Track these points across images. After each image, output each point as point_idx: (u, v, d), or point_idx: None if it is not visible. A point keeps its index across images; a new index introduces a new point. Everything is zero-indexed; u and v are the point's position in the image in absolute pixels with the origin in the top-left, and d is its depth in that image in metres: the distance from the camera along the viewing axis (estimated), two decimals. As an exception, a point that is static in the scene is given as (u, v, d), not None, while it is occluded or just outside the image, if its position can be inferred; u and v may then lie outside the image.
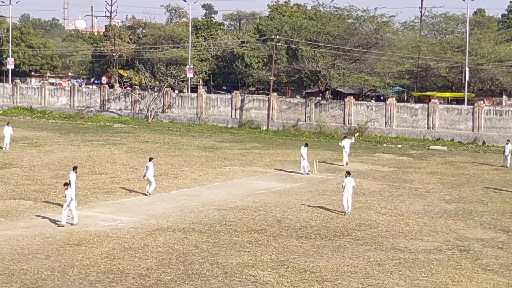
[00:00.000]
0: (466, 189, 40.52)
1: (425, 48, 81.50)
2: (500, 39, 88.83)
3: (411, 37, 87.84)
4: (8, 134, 52.50)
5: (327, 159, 50.80)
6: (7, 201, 34.11)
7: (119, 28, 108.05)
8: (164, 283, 22.46)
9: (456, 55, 78.01)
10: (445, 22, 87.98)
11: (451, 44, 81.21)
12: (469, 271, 24.49)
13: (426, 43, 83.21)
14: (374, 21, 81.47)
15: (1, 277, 22.65)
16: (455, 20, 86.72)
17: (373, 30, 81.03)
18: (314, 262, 25.18)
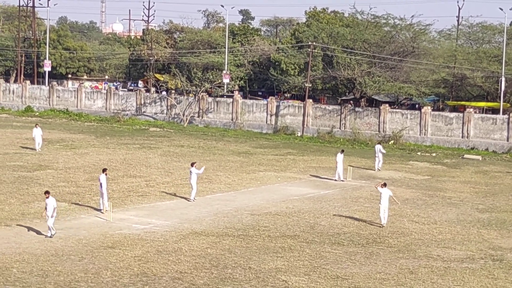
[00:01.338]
0: (500, 198, 40.21)
1: (461, 57, 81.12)
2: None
3: (448, 46, 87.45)
4: (38, 135, 52.90)
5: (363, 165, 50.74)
6: (42, 202, 34.36)
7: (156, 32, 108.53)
8: (196, 286, 22.56)
9: (492, 64, 77.55)
10: (482, 32, 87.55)
11: (488, 54, 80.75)
12: (502, 281, 24.36)
13: (462, 52, 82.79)
14: (411, 29, 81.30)
15: (36, 278, 22.88)
16: (492, 29, 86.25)
17: (410, 38, 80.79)
18: (347, 268, 25.16)
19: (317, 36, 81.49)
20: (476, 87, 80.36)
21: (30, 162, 46.79)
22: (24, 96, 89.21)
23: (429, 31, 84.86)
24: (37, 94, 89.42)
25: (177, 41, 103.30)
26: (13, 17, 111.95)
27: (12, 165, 45.26)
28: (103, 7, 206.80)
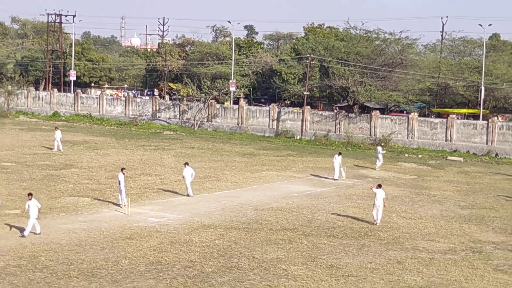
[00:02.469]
0: (480, 196, 40.21)
1: (444, 68, 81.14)
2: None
3: (432, 58, 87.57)
4: (58, 137, 53.05)
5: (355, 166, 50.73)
6: (68, 198, 34.51)
7: (170, 46, 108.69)
8: (205, 274, 22.60)
9: (473, 75, 77.62)
10: (464, 45, 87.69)
11: (469, 65, 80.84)
12: (481, 271, 24.36)
13: (445, 64, 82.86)
14: (399, 43, 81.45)
15: (61, 266, 22.94)
16: (472, 43, 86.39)
17: (398, 51, 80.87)
18: (341, 259, 25.19)
19: (314, 49, 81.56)
20: (458, 95, 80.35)
21: (57, 161, 46.94)
22: (52, 103, 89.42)
23: (415, 45, 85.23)
24: (63, 100, 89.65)
25: (188, 53, 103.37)
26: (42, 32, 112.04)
27: (41, 164, 45.39)
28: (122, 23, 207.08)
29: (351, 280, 22.65)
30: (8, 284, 20.96)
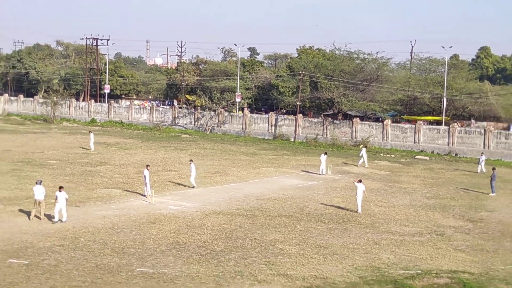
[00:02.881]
0: (442, 188, 40.23)
1: (413, 83, 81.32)
2: (470, 77, 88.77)
3: (403, 74, 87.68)
4: (92, 139, 53.30)
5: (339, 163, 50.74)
6: (103, 189, 34.60)
7: (186, 64, 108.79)
8: (216, 252, 22.65)
9: (436, 88, 77.82)
10: (429, 64, 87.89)
11: (433, 80, 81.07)
12: (443, 250, 24.41)
13: (414, 79, 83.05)
14: (376, 62, 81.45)
15: (97, 245, 23.00)
16: (436, 62, 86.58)
17: (375, 69, 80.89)
18: (327, 240, 25.24)
19: (306, 67, 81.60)
20: (425, 105, 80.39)
21: (93, 159, 47.04)
22: (89, 111, 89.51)
23: (389, 63, 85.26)
24: (99, 109, 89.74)
25: (202, 70, 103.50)
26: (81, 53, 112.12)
27: (80, 161, 45.48)
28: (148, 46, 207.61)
29: (335, 258, 22.69)
30: (53, 261, 21.03)
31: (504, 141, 61.70)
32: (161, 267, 20.73)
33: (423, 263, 22.47)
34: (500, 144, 61.55)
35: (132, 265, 20.86)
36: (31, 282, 18.99)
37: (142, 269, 20.49)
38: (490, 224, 29.64)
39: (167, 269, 20.60)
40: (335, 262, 22.15)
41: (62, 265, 20.59)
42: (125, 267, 20.63)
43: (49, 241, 23.36)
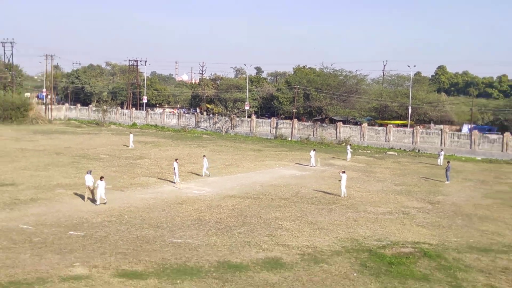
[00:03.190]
0: (407, 177, 40.19)
1: (385, 94, 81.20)
2: (429, 90, 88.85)
3: (377, 87, 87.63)
4: (131, 138, 53.50)
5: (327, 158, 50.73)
6: (142, 177, 34.73)
7: (206, 80, 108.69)
8: (229, 227, 22.76)
9: (403, 99, 77.67)
10: (397, 79, 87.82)
11: (401, 92, 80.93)
12: (408, 226, 24.44)
13: (385, 91, 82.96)
14: (355, 78, 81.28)
15: (137, 221, 23.15)
16: (403, 78, 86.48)
17: (354, 83, 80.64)
18: (317, 217, 25.30)
19: (300, 82, 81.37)
20: (394, 112, 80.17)
21: (134, 154, 47.18)
22: (131, 117, 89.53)
23: (366, 79, 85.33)
24: (138, 115, 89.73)
25: (218, 85, 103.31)
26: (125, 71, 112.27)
27: (124, 156, 45.64)
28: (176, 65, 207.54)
29: (323, 231, 22.76)
30: (103, 233, 21.18)
31: (457, 140, 61.52)
32: (187, 238, 20.86)
33: (392, 236, 22.52)
34: (453, 142, 61.38)
35: (164, 236, 21.01)
36: (86, 249, 19.15)
37: (172, 239, 20.63)
38: (445, 205, 29.64)
39: (192, 239, 20.73)
40: (323, 235, 22.22)
41: (110, 236, 20.76)
42: (159, 238, 20.78)
43: (100, 217, 23.56)
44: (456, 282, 17.38)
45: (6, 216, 23.16)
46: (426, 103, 79.11)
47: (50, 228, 21.61)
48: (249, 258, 18.75)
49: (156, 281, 16.36)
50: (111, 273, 16.89)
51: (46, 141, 54.77)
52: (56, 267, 17.16)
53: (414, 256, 19.68)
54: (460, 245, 21.53)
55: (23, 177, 32.64)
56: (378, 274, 17.75)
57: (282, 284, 16.57)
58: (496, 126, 74.89)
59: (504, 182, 39.70)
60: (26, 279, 16.09)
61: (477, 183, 38.36)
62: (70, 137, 60.75)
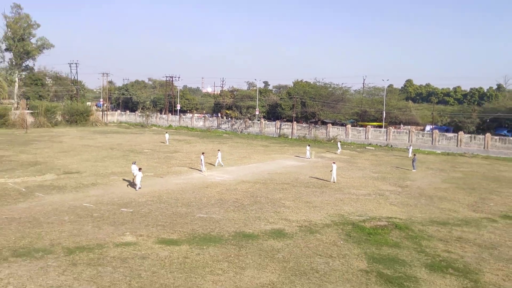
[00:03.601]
0: (382, 167, 39.89)
1: (364, 102, 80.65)
2: (399, 98, 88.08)
3: (358, 97, 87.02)
4: (167, 137, 53.65)
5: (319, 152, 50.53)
6: (176, 167, 34.79)
7: (226, 91, 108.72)
8: (244, 205, 22.74)
9: (378, 105, 77.10)
10: (374, 90, 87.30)
11: (377, 101, 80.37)
12: (383, 204, 24.26)
13: (365, 100, 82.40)
14: (341, 89, 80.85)
15: (173, 200, 23.20)
16: (379, 89, 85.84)
17: (341, 93, 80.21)
18: (311, 198, 25.20)
19: (298, 92, 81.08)
20: (371, 116, 79.62)
21: (170, 149, 47.29)
22: (168, 120, 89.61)
23: (350, 90, 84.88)
24: (173, 119, 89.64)
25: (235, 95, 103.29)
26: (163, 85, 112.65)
27: (162, 150, 45.74)
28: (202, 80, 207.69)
29: (316, 209, 22.69)
30: (147, 210, 21.28)
31: (421, 137, 60.98)
32: (211, 214, 20.91)
33: (370, 212, 22.39)
34: (418, 139, 60.85)
35: (194, 212, 21.06)
36: (134, 222, 19.27)
37: (200, 215, 20.68)
38: (412, 189, 29.41)
39: (215, 215, 20.77)
40: (316, 212, 22.16)
41: (152, 212, 20.86)
42: (189, 213, 20.84)
43: (144, 198, 23.65)
44: (421, 248, 17.26)
45: (73, 197, 23.39)
46: (397, 108, 78.47)
47: (106, 206, 21.77)
48: (259, 229, 18.76)
49: (188, 246, 16.43)
50: (153, 240, 16.99)
51: (103, 139, 55.12)
52: (111, 236, 17.30)
53: (388, 228, 19.58)
54: (423, 220, 21.37)
55: (86, 167, 32.89)
56: (359, 242, 17.68)
57: (284, 249, 16.57)
58: (452, 126, 74.14)
59: (458, 170, 39.31)
60: (88, 245, 16.24)
61: (437, 171, 38.02)
62: (121, 136, 61.08)
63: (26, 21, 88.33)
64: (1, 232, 17.24)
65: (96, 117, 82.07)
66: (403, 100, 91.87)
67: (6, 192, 23.92)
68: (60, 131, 65.23)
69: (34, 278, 13.30)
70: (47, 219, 19.13)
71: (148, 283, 13.30)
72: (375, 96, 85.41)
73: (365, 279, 14.27)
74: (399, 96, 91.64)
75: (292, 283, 13.74)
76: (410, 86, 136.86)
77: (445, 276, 14.75)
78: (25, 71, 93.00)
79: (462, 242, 18.15)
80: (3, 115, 66.92)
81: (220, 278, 13.82)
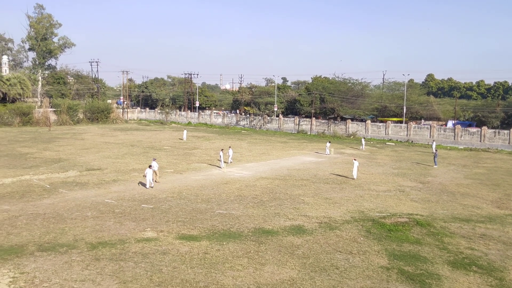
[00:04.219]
0: (403, 163, 39.34)
1: (384, 97, 79.52)
2: (420, 93, 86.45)
3: (378, 92, 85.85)
4: (185, 133, 54.26)
5: (338, 148, 50.13)
6: (195, 163, 35.02)
7: (244, 88, 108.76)
8: (263, 201, 22.75)
9: (399, 101, 75.97)
10: (394, 85, 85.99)
11: (397, 96, 79.15)
12: (403, 201, 23.95)
13: (385, 95, 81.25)
14: (361, 84, 79.99)
15: (193, 196, 23.36)
16: (399, 84, 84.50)
17: (360, 89, 79.36)
18: (331, 194, 25.04)
19: (317, 88, 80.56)
20: (392, 111, 78.49)
21: (190, 146, 47.63)
22: (187, 117, 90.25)
23: (369, 85, 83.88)
24: (192, 116, 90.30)
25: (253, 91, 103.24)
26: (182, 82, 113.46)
27: (182, 147, 46.10)
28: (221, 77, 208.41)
29: (336, 205, 22.54)
30: (167, 206, 21.51)
31: (443, 133, 59.86)
32: (230, 210, 20.99)
33: (391, 209, 22.13)
34: (440, 134, 59.74)
35: (213, 208, 21.18)
36: (154, 218, 19.51)
37: (219, 211, 20.79)
38: (433, 185, 28.93)
39: (234, 211, 20.85)
40: (336, 208, 22.02)
41: (173, 208, 21.08)
42: (209, 209, 20.97)
43: (164, 194, 23.90)
44: (443, 245, 16.97)
45: (95, 193, 23.82)
46: (418, 103, 77.18)
47: (127, 202, 22.10)
48: (278, 225, 18.76)
49: (208, 242, 16.55)
50: (174, 236, 17.18)
51: (123, 136, 55.94)
52: (132, 231, 17.57)
53: (409, 224, 19.31)
54: (446, 216, 21.00)
55: (107, 163, 33.43)
56: (380, 238, 17.50)
57: (304, 245, 16.53)
58: (475, 121, 72.48)
59: (481, 166, 38.45)
60: (110, 240, 16.53)
61: (460, 167, 37.27)
62: (141, 133, 61.87)
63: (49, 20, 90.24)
64: (27, 227, 17.72)
65: (116, 114, 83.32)
66: (424, 95, 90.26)
67: (31, 188, 24.55)
68: (82, 128, 66.49)
69: (59, 272, 13.63)
70: (71, 215, 19.55)
71: (169, 278, 13.47)
72: (396, 91, 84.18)
73: (386, 276, 14.12)
74: (420, 91, 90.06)
75: (312, 279, 13.70)
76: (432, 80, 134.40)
77: (469, 274, 14.46)
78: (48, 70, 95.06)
79: (486, 239, 17.75)
80: (28, 113, 68.63)
81: (240, 274, 13.88)
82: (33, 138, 50.31)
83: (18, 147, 41.91)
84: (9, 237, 16.58)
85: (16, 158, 35.06)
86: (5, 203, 21.32)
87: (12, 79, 71.39)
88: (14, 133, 56.47)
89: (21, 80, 73.28)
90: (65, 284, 12.81)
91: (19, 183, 25.78)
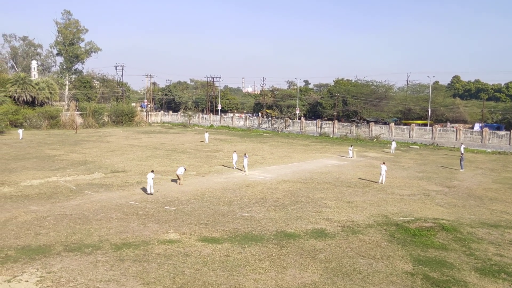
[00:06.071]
0: (427, 167, 38.56)
1: (408, 100, 78.25)
2: (446, 95, 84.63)
3: (402, 94, 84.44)
4: (207, 136, 54.60)
5: (361, 151, 49.52)
6: (218, 166, 35.17)
7: (266, 91, 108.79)
8: (285, 205, 22.68)
9: (424, 103, 74.60)
10: (419, 87, 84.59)
11: (421, 98, 77.78)
12: (429, 205, 23.47)
13: (409, 97, 79.98)
14: (384, 87, 78.92)
15: (215, 199, 23.48)
16: (424, 86, 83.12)
17: (383, 91, 78.27)
18: (353, 197, 24.77)
19: (339, 91, 79.90)
20: (416, 114, 77.13)
21: (211, 148, 47.92)
22: (209, 120, 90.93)
23: (393, 88, 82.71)
24: (215, 119, 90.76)
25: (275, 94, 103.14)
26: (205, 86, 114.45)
27: (204, 150, 46.41)
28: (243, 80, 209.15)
29: (359, 209, 22.27)
30: (190, 208, 21.68)
31: (470, 136, 58.39)
32: (252, 213, 21.00)
33: (415, 213, 21.71)
34: (466, 137, 58.30)
35: (235, 211, 21.24)
36: (177, 220, 19.71)
37: (241, 213, 20.83)
38: (460, 189, 28.24)
39: (256, 214, 20.85)
40: (359, 212, 21.75)
41: (195, 210, 21.24)
42: (231, 212, 21.04)
43: (187, 196, 24.11)
44: (470, 252, 16.52)
45: (119, 195, 24.24)
46: (443, 106, 75.58)
47: (151, 204, 22.40)
48: (300, 229, 18.66)
49: (230, 245, 16.60)
50: (196, 238, 17.30)
51: (147, 139, 56.78)
52: (156, 233, 17.78)
53: (434, 229, 18.88)
54: (473, 221, 20.45)
55: (131, 166, 33.96)
56: (404, 244, 17.17)
57: (326, 249, 16.38)
58: (503, 124, 70.39)
59: (510, 170, 37.29)
60: (134, 242, 16.79)
61: (487, 171, 36.26)
62: (164, 136, 62.66)
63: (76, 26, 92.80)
64: (54, 228, 18.19)
65: (140, 117, 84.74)
66: (450, 97, 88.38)
67: (58, 190, 25.19)
68: (107, 131, 67.85)
69: (85, 272, 13.92)
70: (96, 216, 19.95)
71: (191, 280, 13.57)
72: (420, 93, 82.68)
73: (410, 281, 13.84)
74: (446, 93, 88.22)
75: (334, 283, 13.55)
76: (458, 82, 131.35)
77: (497, 281, 14.02)
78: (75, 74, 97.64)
79: (515, 246, 17.18)
80: (55, 117, 70.58)
81: (262, 277, 13.86)
82: (60, 141, 51.64)
83: (46, 149, 43.10)
84: (37, 237, 17.05)
85: (44, 160, 36.05)
86: (33, 204, 21.95)
87: (41, 83, 73.63)
88: (43, 135, 58.12)
89: (49, 84, 75.48)
90: (90, 284, 13.07)
91: (47, 184, 26.50)
